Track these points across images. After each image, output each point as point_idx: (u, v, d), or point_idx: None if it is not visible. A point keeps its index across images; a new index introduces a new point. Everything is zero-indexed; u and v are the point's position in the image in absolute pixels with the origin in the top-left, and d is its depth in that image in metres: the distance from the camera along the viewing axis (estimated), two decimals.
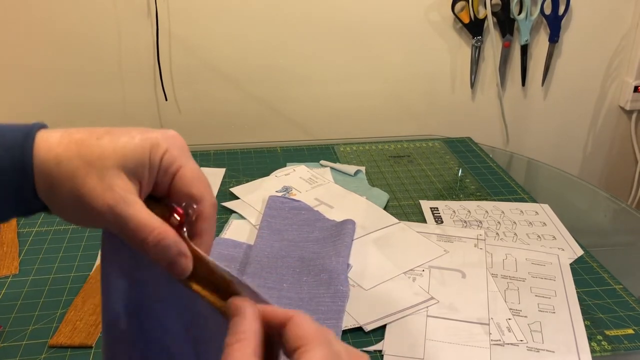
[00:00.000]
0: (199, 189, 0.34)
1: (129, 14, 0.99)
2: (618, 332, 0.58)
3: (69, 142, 0.32)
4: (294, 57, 1.08)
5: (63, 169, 0.31)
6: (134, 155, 0.32)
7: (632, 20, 1.14)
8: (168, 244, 0.31)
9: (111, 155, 0.32)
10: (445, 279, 0.65)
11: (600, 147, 1.27)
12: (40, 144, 0.32)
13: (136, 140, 0.33)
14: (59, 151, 0.32)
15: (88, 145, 0.32)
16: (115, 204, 0.31)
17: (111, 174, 0.31)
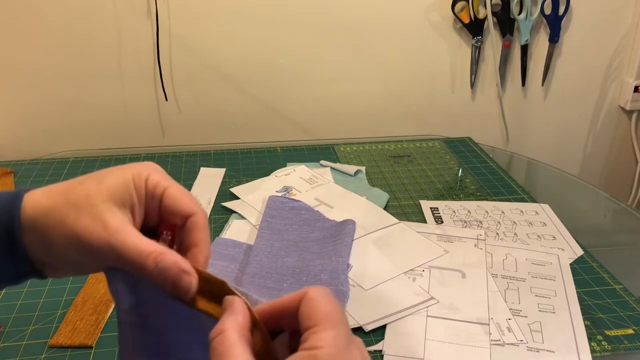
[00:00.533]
0: (188, 204, 0.35)
1: (129, 14, 0.99)
2: (618, 332, 0.58)
3: (53, 193, 0.33)
4: (294, 56, 1.08)
5: (52, 217, 0.32)
6: (119, 187, 0.33)
7: (632, 20, 1.14)
8: (167, 264, 0.31)
9: (97, 193, 0.32)
10: (445, 279, 0.65)
11: (600, 147, 1.27)
12: (26, 202, 0.32)
13: (117, 174, 0.34)
14: (45, 203, 0.32)
15: (72, 191, 0.33)
16: (110, 236, 0.31)
17: (102, 210, 0.32)
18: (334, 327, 0.28)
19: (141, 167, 0.35)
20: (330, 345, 0.27)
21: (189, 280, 0.31)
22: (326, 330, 0.28)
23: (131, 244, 0.31)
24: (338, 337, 0.27)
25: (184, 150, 1.02)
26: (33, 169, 0.93)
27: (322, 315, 0.28)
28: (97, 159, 0.98)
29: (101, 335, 0.57)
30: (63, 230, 0.31)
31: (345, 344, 0.28)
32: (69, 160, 0.97)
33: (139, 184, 0.34)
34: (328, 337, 0.27)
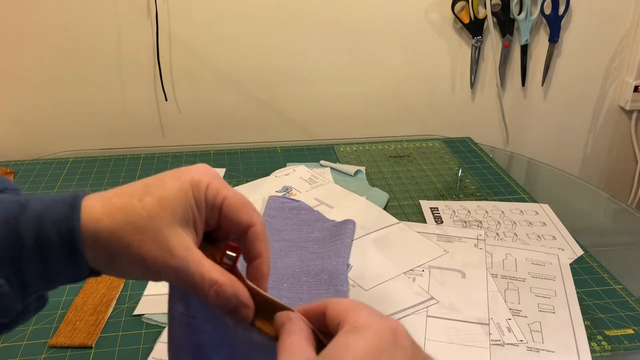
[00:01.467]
0: (248, 214, 0.34)
1: (129, 15, 0.99)
2: (618, 332, 0.58)
3: (112, 210, 0.32)
4: (294, 57, 1.08)
5: (115, 240, 0.31)
6: (180, 204, 0.32)
7: (632, 21, 1.14)
8: (227, 296, 0.32)
9: (159, 214, 0.32)
10: (445, 279, 0.65)
11: (600, 147, 1.27)
12: (85, 217, 0.31)
13: (175, 187, 0.33)
14: (107, 223, 0.31)
15: (133, 210, 0.32)
16: (177, 263, 0.31)
17: (166, 235, 0.31)
18: (365, 307, 0.30)
19: (199, 174, 0.34)
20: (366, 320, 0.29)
21: (246, 313, 0.32)
22: (361, 308, 0.30)
23: (196, 272, 0.32)
24: (373, 312, 0.30)
25: (184, 150, 1.02)
26: (33, 169, 0.93)
27: (350, 305, 0.30)
28: (97, 159, 0.98)
29: (101, 336, 0.57)
30: (128, 254, 0.31)
31: (378, 317, 0.29)
32: (69, 160, 0.97)
33: (199, 196, 0.33)
34: (365, 313, 0.29)
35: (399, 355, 0.28)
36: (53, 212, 0.31)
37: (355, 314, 0.29)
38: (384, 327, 0.29)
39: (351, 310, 0.30)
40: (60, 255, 0.31)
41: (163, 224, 0.31)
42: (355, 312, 0.29)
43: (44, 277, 0.31)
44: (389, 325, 0.29)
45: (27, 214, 0.31)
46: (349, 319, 0.29)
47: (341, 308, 0.30)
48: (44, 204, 0.32)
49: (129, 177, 0.91)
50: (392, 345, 0.28)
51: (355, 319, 0.29)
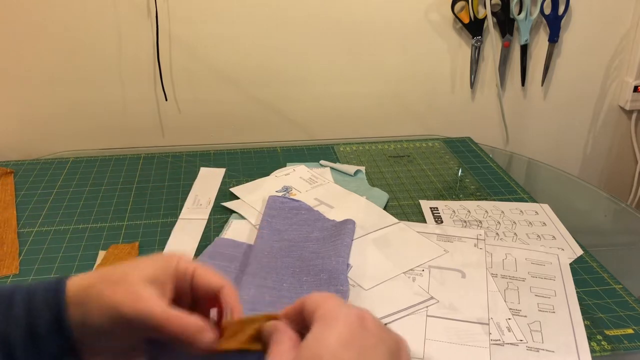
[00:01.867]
0: (217, 279, 0.39)
1: (129, 15, 0.99)
2: (618, 332, 0.58)
3: (93, 275, 0.38)
4: (293, 57, 1.08)
5: (91, 292, 0.36)
6: (154, 268, 0.38)
7: (631, 21, 1.14)
8: (187, 322, 0.36)
9: (133, 272, 0.37)
10: (445, 279, 0.65)
11: (600, 147, 1.27)
12: (70, 283, 0.37)
13: (152, 259, 0.39)
14: (86, 282, 0.37)
15: (111, 271, 0.37)
16: (142, 305, 0.35)
17: (135, 285, 0.36)
18: (335, 298, 0.33)
19: (172, 255, 0.40)
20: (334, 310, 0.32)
21: (208, 336, 0.36)
22: (329, 300, 0.33)
23: (158, 310, 0.35)
24: (340, 303, 0.33)
25: (184, 150, 1.02)
26: (33, 169, 0.93)
27: (322, 297, 0.33)
28: (97, 159, 0.98)
29: None
30: (100, 302, 0.35)
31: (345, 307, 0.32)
32: (69, 160, 0.97)
33: (169, 266, 0.38)
34: (331, 303, 0.32)
35: (368, 338, 0.30)
36: (41, 286, 0.37)
37: (325, 305, 0.32)
38: (351, 314, 0.31)
39: (320, 304, 0.32)
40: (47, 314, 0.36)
41: (135, 278, 0.36)
42: (324, 303, 0.32)
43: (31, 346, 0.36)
44: (355, 313, 0.31)
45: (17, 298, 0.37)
46: (319, 310, 0.32)
47: (312, 302, 0.33)
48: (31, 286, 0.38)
49: (129, 177, 0.91)
50: (362, 330, 0.31)
51: (324, 311, 0.31)
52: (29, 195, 0.85)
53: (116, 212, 0.81)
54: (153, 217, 0.79)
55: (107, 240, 0.73)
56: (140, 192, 0.87)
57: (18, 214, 0.79)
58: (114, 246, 0.71)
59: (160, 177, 0.92)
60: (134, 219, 0.79)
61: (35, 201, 0.83)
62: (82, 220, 0.78)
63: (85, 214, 0.80)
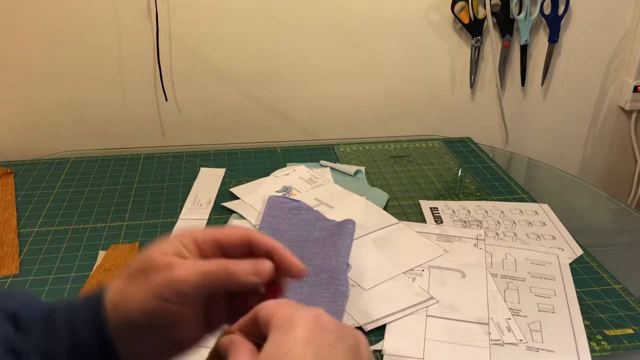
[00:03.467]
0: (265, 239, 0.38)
1: (129, 15, 0.99)
2: (617, 332, 0.58)
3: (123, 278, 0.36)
4: (294, 57, 1.08)
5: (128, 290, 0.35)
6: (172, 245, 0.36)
7: (631, 21, 1.14)
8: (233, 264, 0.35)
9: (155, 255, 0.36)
10: (445, 279, 0.65)
11: (600, 147, 1.27)
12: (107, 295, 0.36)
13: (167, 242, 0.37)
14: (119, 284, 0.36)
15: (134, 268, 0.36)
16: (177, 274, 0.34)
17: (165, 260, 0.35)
18: (287, 303, 0.33)
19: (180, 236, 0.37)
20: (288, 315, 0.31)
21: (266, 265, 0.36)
22: (282, 307, 0.32)
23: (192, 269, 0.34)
24: (293, 305, 0.32)
25: (184, 150, 1.02)
26: (33, 169, 0.93)
27: (275, 304, 0.33)
28: (97, 159, 0.98)
29: None
30: (140, 294, 0.34)
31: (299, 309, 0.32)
32: (69, 160, 0.97)
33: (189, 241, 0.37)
34: (285, 309, 0.32)
35: (326, 337, 0.30)
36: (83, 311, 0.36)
37: (279, 313, 0.31)
38: (307, 316, 0.31)
39: (274, 311, 0.32)
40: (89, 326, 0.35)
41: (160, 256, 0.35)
42: (278, 311, 0.31)
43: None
44: (311, 314, 0.31)
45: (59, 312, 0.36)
46: (274, 318, 0.31)
47: (265, 311, 0.32)
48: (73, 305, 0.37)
49: (129, 177, 0.91)
50: (319, 330, 0.31)
51: (280, 317, 0.31)
52: (29, 195, 0.85)
53: (116, 212, 0.81)
54: (153, 217, 0.79)
55: (107, 240, 0.73)
56: (140, 192, 0.87)
57: (18, 214, 0.79)
58: (114, 246, 0.71)
59: (160, 177, 0.92)
60: (134, 219, 0.79)
61: (35, 201, 0.83)
62: (82, 220, 0.78)
63: (85, 214, 0.80)
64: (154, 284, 0.34)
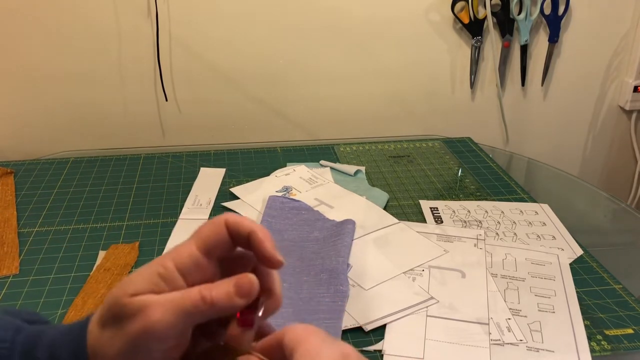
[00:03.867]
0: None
1: (129, 15, 0.99)
2: (618, 332, 0.58)
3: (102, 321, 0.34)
4: (294, 57, 1.08)
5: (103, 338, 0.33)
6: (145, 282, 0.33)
7: (631, 21, 1.14)
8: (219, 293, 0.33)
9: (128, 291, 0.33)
10: (445, 279, 0.65)
11: (600, 147, 1.27)
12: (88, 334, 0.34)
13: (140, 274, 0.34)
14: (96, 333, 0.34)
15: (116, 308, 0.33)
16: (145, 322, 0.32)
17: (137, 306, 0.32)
18: (317, 334, 0.31)
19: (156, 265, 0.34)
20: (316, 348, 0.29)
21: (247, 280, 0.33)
22: (310, 337, 0.30)
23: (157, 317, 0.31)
24: (323, 338, 0.30)
25: (184, 150, 1.02)
26: (33, 169, 0.93)
27: (304, 331, 0.31)
28: (97, 159, 0.98)
29: None
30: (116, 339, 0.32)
31: (328, 344, 0.30)
32: (69, 160, 0.97)
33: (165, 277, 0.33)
34: (313, 339, 0.30)
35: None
36: (66, 337, 0.34)
37: (306, 343, 0.30)
38: (335, 353, 0.29)
39: (302, 340, 0.30)
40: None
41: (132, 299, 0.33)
42: (306, 341, 0.30)
43: None
44: (339, 350, 0.29)
45: (43, 341, 0.34)
46: (299, 349, 0.29)
47: (293, 337, 0.30)
48: (58, 329, 0.35)
49: (129, 177, 0.91)
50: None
51: (307, 348, 0.29)
52: (29, 195, 0.85)
53: (116, 212, 0.81)
54: (153, 217, 0.79)
55: (107, 240, 0.73)
56: (140, 192, 0.87)
57: (18, 214, 0.79)
58: (114, 246, 0.71)
59: (160, 177, 0.92)
60: (134, 219, 0.79)
61: (35, 201, 0.83)
62: (82, 220, 0.78)
63: (85, 214, 0.80)
64: (129, 335, 0.31)
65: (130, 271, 0.66)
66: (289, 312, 0.58)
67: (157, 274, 0.32)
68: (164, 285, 0.32)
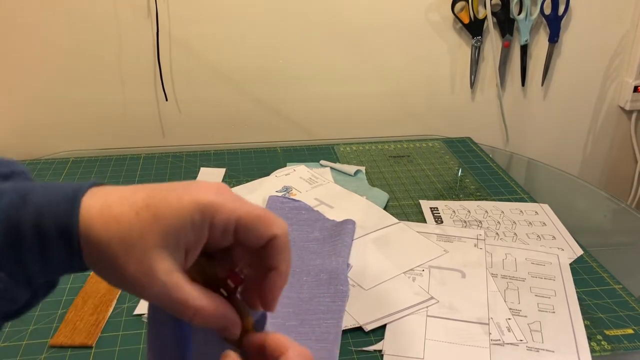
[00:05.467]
0: (265, 229, 0.33)
1: (129, 15, 0.99)
2: (618, 332, 0.58)
3: (107, 218, 0.31)
4: (294, 57, 1.08)
5: (104, 251, 0.31)
6: (175, 227, 0.31)
7: (631, 21, 1.14)
8: (213, 321, 0.32)
9: (150, 232, 0.30)
10: (445, 279, 0.65)
11: (600, 147, 1.27)
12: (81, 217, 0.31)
13: (175, 208, 0.31)
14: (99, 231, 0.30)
15: (127, 225, 0.31)
16: (158, 292, 0.31)
17: (151, 257, 0.30)
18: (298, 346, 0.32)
19: (208, 196, 0.31)
20: None
21: (235, 331, 0.33)
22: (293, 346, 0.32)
23: (177, 299, 0.31)
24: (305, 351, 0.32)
25: (184, 150, 1.02)
26: (33, 169, 0.93)
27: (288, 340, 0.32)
28: (98, 159, 0.98)
29: (101, 335, 0.57)
30: (112, 266, 0.31)
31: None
32: (69, 160, 0.97)
33: (202, 222, 0.31)
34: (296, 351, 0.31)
35: None
36: (53, 208, 0.30)
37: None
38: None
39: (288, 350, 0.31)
40: (60, 251, 0.31)
41: (151, 245, 0.30)
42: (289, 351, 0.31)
43: (45, 269, 0.31)
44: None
45: (28, 208, 0.30)
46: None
47: (275, 347, 0.32)
48: (46, 197, 0.31)
49: (129, 177, 0.91)
50: None
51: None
52: None
53: None
54: None
55: None
56: None
57: None
58: None
59: (160, 177, 0.92)
60: None
61: None
62: None
63: None
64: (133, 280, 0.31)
65: None
66: (289, 312, 0.58)
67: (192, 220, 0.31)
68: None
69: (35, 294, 0.33)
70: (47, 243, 0.30)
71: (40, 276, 0.32)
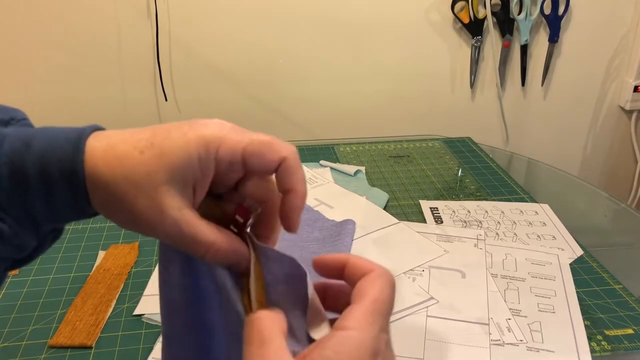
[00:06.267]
0: (273, 152, 0.32)
1: (129, 15, 0.99)
2: (618, 332, 0.58)
3: (112, 158, 0.31)
4: (294, 57, 1.08)
5: (112, 191, 0.30)
6: (180, 163, 0.30)
7: (632, 21, 1.14)
8: (226, 256, 0.32)
9: (156, 170, 0.30)
10: (445, 279, 0.65)
11: (600, 147, 1.27)
12: (86, 159, 0.31)
13: (179, 144, 0.30)
14: (104, 172, 0.30)
15: (132, 163, 0.30)
16: (169, 229, 0.30)
17: (159, 193, 0.30)
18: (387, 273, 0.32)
19: (211, 131, 0.31)
20: (359, 327, 0.28)
21: (242, 267, 0.33)
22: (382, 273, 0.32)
23: (188, 234, 0.30)
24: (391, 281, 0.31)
25: None
26: None
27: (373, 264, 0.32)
28: None
29: (101, 335, 0.57)
30: (122, 206, 0.30)
31: (377, 330, 0.29)
32: None
33: (206, 157, 0.31)
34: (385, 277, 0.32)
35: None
36: (57, 152, 0.31)
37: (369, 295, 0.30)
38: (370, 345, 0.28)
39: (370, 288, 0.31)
40: (65, 195, 0.31)
41: (158, 182, 0.30)
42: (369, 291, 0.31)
43: (52, 215, 0.31)
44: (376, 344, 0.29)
45: (32, 153, 0.30)
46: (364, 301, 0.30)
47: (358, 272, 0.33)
48: (49, 141, 0.31)
49: None
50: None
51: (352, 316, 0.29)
52: None
53: None
54: None
55: (107, 240, 0.73)
56: None
57: None
58: (114, 246, 0.71)
59: None
60: None
61: None
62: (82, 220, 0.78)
63: None
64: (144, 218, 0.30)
65: (130, 272, 0.66)
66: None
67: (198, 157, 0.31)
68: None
69: (42, 241, 0.33)
70: (53, 187, 0.30)
71: (47, 222, 0.32)
